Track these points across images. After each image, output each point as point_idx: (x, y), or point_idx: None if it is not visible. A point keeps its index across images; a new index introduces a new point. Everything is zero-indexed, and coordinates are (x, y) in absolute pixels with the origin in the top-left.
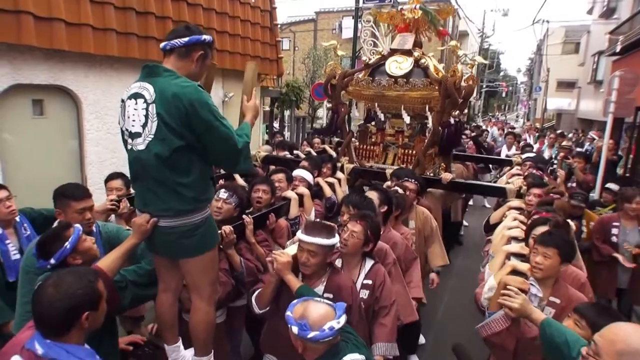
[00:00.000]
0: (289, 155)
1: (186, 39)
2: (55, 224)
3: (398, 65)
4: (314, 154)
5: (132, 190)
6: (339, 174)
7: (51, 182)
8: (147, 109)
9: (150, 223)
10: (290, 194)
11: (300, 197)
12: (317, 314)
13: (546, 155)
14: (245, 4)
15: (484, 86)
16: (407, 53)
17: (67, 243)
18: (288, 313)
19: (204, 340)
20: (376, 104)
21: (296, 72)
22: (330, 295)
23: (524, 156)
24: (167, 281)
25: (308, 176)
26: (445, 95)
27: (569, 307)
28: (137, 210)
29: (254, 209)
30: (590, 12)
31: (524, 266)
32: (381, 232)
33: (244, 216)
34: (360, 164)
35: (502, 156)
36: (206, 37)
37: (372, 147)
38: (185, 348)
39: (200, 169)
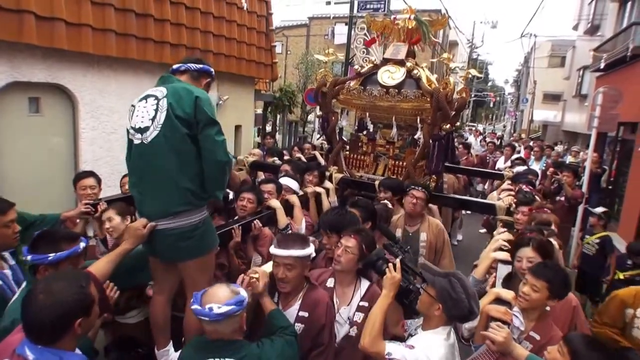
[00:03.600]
0: (277, 161)
1: (200, 65)
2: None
3: (390, 75)
4: (304, 159)
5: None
6: (328, 184)
7: (46, 179)
8: (157, 104)
9: (147, 228)
10: (274, 203)
11: (290, 206)
12: (212, 293)
13: (534, 168)
14: (242, 10)
15: (473, 96)
16: (400, 63)
17: (52, 254)
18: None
19: None
20: (367, 114)
21: (288, 76)
22: (306, 314)
23: (515, 170)
24: (162, 283)
25: (294, 185)
26: (437, 107)
27: (548, 345)
28: (137, 213)
29: (238, 217)
30: (575, 28)
31: (508, 294)
32: None
33: (234, 226)
34: (350, 173)
35: (498, 166)
36: (213, 71)
37: (362, 157)
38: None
39: (200, 165)
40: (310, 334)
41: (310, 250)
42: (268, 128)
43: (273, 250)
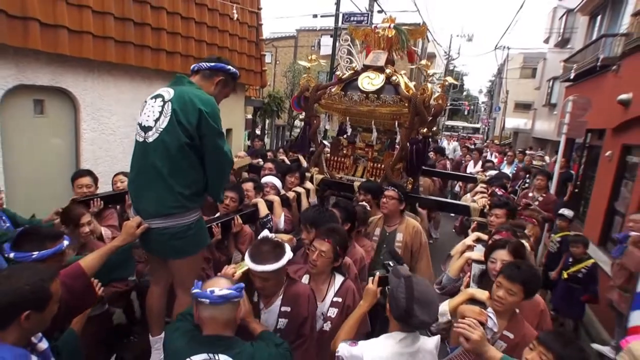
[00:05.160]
0: (261, 163)
1: (212, 63)
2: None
3: (370, 81)
4: (288, 162)
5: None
6: (308, 184)
7: (49, 177)
8: (163, 106)
9: (140, 228)
10: (258, 200)
11: (270, 203)
12: (213, 282)
13: (506, 172)
14: (234, 21)
15: (449, 104)
16: (380, 70)
17: (35, 252)
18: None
19: None
20: (347, 118)
21: (277, 84)
22: (288, 309)
23: (487, 174)
24: (158, 275)
25: (277, 182)
26: (415, 112)
27: (521, 343)
28: (132, 209)
29: (220, 214)
30: (546, 41)
31: (482, 295)
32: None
33: (213, 224)
34: (331, 175)
35: (468, 171)
36: (232, 69)
37: (342, 159)
38: None
39: (197, 172)
40: (294, 328)
41: (284, 260)
42: (257, 132)
43: (248, 262)
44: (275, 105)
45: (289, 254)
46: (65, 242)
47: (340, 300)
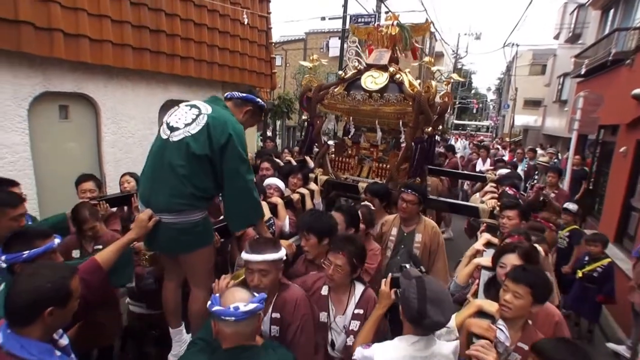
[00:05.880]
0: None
1: (244, 94)
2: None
3: (373, 80)
4: (294, 163)
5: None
6: (312, 185)
7: (73, 177)
8: (197, 116)
9: (152, 221)
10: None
11: (274, 206)
12: (232, 295)
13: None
14: (245, 25)
15: (457, 103)
16: (383, 68)
17: (26, 252)
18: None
19: (202, 326)
20: (351, 118)
21: (287, 86)
22: (278, 315)
23: (498, 172)
24: (171, 272)
25: (281, 184)
26: (419, 111)
27: None
28: (139, 205)
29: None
30: (557, 37)
31: (491, 307)
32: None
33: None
34: (336, 175)
35: (477, 170)
36: (260, 101)
37: (347, 160)
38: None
39: (210, 181)
40: (284, 335)
41: (282, 253)
42: (269, 133)
43: (245, 256)
44: (286, 106)
45: (284, 252)
46: (57, 240)
47: (361, 312)
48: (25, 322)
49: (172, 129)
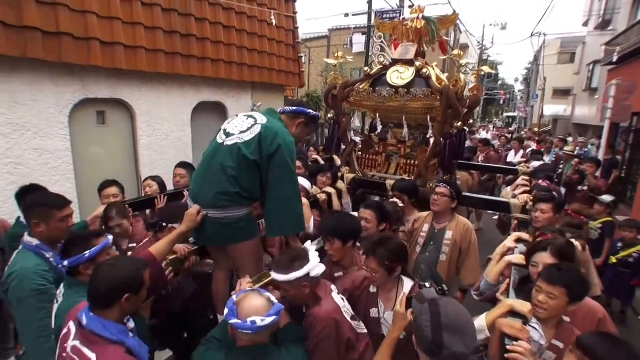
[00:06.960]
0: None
1: (295, 107)
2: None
3: (399, 75)
4: (321, 161)
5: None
6: (340, 184)
7: (111, 178)
8: (253, 125)
9: (200, 215)
10: None
11: None
12: (249, 306)
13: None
14: (272, 26)
15: (484, 94)
16: (409, 63)
17: (87, 252)
18: (233, 296)
19: None
20: (377, 114)
21: (310, 83)
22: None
23: (531, 165)
24: (220, 262)
25: (306, 184)
26: (447, 105)
27: None
28: (189, 202)
29: None
30: (585, 24)
31: (523, 307)
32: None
33: None
34: (363, 173)
35: (509, 160)
36: (312, 112)
37: (374, 157)
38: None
39: (255, 184)
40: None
41: (307, 268)
42: None
43: (273, 274)
44: (314, 104)
45: (309, 267)
46: (110, 237)
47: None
48: (106, 306)
49: (228, 134)
